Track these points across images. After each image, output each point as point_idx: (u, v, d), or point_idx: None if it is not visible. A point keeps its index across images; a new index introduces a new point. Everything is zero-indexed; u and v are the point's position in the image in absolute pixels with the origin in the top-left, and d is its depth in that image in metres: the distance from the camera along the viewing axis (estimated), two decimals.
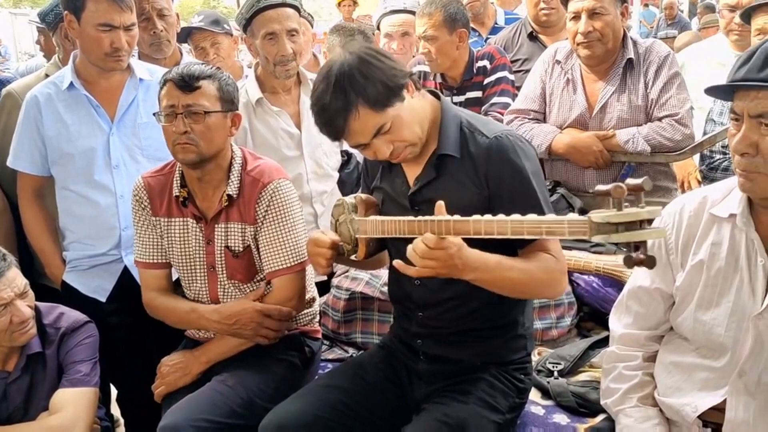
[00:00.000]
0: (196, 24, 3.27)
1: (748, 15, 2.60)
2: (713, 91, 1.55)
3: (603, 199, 1.23)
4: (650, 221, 1.19)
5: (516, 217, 1.38)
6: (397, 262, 1.56)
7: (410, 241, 1.54)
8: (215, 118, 1.97)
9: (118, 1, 2.23)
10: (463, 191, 1.67)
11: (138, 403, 2.36)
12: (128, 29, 2.28)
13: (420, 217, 1.53)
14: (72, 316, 2.15)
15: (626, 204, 1.19)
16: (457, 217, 1.46)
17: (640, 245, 1.20)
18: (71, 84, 2.34)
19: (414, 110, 1.66)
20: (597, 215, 1.21)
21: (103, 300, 2.38)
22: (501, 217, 1.40)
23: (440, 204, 1.50)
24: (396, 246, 1.76)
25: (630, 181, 1.19)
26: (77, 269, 2.39)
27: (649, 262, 1.20)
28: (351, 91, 1.57)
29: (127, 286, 2.35)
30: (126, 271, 2.37)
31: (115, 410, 2.72)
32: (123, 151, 2.36)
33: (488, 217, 1.42)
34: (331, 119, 1.61)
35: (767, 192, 1.42)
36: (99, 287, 2.39)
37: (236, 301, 2.06)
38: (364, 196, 1.84)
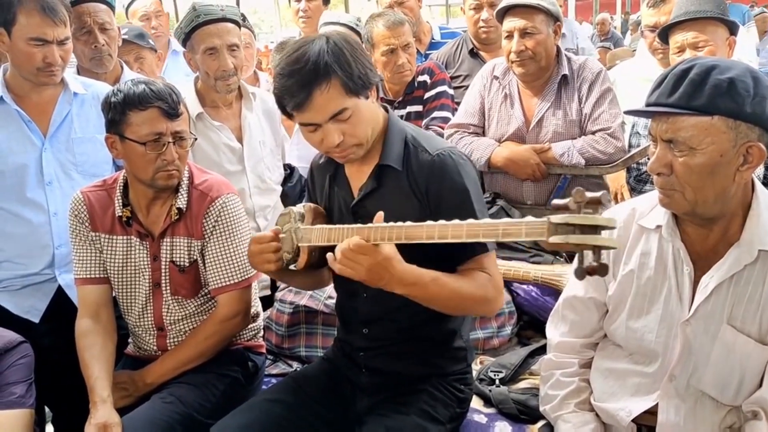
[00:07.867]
0: (121, 37, 3.15)
1: (665, 35, 2.63)
2: (634, 112, 1.60)
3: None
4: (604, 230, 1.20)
5: (471, 220, 1.39)
6: (329, 255, 1.55)
7: None
8: (190, 141, 1.99)
9: (51, 15, 2.16)
10: (405, 204, 1.68)
11: (75, 425, 2.29)
12: (62, 44, 2.22)
13: (370, 224, 1.50)
14: (5, 336, 2.06)
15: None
16: (410, 223, 1.46)
17: (594, 251, 1.20)
18: (0, 98, 2.26)
19: (370, 112, 1.67)
20: (556, 217, 1.21)
21: (36, 321, 2.31)
22: (456, 221, 1.40)
23: (380, 215, 1.51)
24: None
25: (589, 193, 1.20)
26: (8, 289, 2.30)
27: (602, 270, 1.20)
28: (334, 63, 1.56)
29: (61, 306, 2.28)
30: (60, 291, 2.31)
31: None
32: (56, 167, 2.30)
33: (442, 222, 1.42)
34: (299, 84, 1.56)
35: (684, 208, 1.47)
36: (32, 307, 2.31)
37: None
38: (312, 205, 1.81)
